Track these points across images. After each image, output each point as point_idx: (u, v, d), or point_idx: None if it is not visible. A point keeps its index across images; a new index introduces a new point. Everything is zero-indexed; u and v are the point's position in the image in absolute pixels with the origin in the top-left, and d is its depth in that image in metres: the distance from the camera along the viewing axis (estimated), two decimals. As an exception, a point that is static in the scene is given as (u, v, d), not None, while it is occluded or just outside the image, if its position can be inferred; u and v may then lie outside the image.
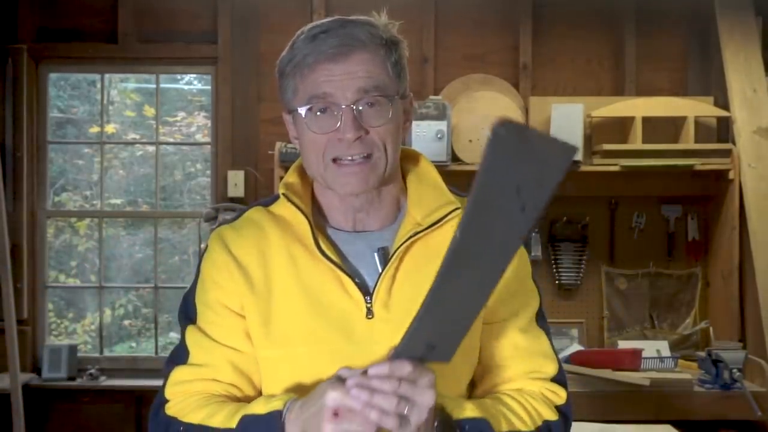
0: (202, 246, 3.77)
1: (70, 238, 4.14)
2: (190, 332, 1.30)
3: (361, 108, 1.22)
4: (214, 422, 1.20)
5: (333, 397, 1.06)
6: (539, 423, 1.25)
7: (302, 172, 1.34)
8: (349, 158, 1.22)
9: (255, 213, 1.34)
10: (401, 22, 1.29)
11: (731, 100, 3.51)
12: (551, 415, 1.27)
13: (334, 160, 1.23)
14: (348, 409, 1.05)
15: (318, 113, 1.23)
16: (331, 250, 1.26)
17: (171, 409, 1.26)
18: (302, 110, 1.23)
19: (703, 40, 3.79)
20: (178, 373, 1.28)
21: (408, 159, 1.36)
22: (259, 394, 1.30)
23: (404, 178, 1.35)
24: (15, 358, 3.40)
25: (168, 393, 1.28)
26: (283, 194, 1.29)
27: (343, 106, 1.21)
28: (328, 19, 1.25)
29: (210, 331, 1.28)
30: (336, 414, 1.06)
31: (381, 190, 1.29)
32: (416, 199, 1.31)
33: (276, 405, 1.16)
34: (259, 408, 1.17)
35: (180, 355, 1.30)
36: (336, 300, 1.25)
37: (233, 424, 1.18)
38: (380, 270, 1.26)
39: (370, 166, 1.23)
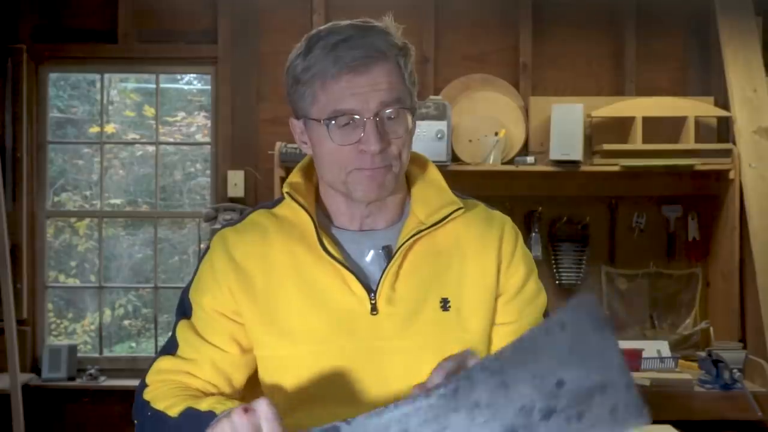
0: (203, 246, 3.77)
1: (70, 238, 4.14)
2: (181, 327, 1.32)
3: (383, 120, 1.22)
4: (172, 412, 1.21)
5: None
6: None
7: (306, 173, 1.35)
8: (371, 168, 1.23)
9: (258, 216, 1.34)
10: (404, 26, 1.29)
11: (731, 100, 3.50)
12: None
13: (357, 169, 1.23)
14: None
15: (340, 126, 1.22)
16: (334, 248, 1.26)
17: (148, 395, 1.28)
18: (325, 122, 1.22)
19: (703, 40, 3.79)
20: (162, 362, 1.31)
21: (413, 162, 1.37)
22: (237, 393, 1.32)
23: (408, 180, 1.36)
24: (15, 358, 3.40)
25: (148, 379, 1.31)
26: (287, 193, 1.30)
27: (366, 118, 1.20)
28: (343, 22, 1.24)
29: (200, 328, 1.30)
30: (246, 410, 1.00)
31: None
32: (420, 200, 1.32)
33: (217, 407, 1.14)
34: (203, 405, 1.17)
35: (170, 347, 1.32)
36: (340, 297, 1.25)
37: (178, 414, 1.19)
38: (384, 267, 1.27)
39: (390, 174, 1.24)
